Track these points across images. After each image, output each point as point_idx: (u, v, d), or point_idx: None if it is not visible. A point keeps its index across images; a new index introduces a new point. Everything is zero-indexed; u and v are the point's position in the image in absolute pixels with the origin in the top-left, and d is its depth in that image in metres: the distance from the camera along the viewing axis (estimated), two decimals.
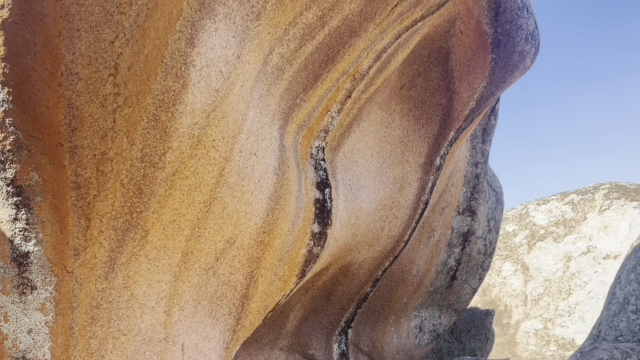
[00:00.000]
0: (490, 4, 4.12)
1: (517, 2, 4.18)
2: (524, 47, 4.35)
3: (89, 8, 2.07)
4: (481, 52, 4.35)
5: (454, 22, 4.23)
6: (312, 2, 3.07)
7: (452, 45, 4.38)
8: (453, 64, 4.44)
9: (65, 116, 2.19)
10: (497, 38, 4.23)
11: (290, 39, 3.16)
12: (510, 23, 4.18)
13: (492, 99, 4.69)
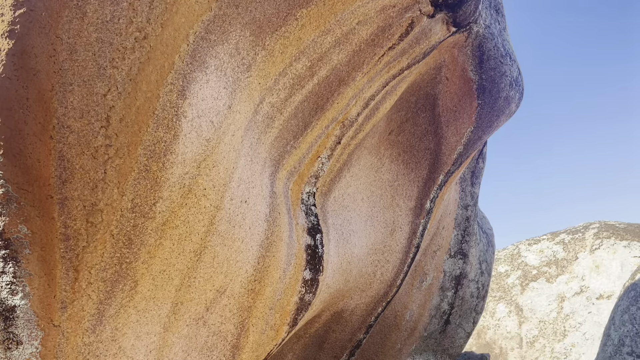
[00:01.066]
0: (474, 52, 4.24)
1: (500, 50, 4.31)
2: (508, 93, 4.45)
3: (82, 63, 2.11)
4: (467, 98, 4.44)
5: (439, 69, 4.34)
6: (301, 53, 3.15)
7: (438, 91, 4.48)
8: (440, 109, 4.53)
9: (56, 168, 2.19)
10: (482, 84, 4.34)
11: (281, 89, 3.22)
12: (494, 70, 4.30)
13: (479, 143, 4.76)
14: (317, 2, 2.92)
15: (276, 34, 2.91)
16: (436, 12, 3.51)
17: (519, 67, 4.54)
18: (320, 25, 3.08)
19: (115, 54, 2.19)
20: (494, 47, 4.28)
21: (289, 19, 2.90)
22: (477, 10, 3.80)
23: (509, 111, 4.63)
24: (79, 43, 2.08)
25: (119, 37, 2.17)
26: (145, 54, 2.27)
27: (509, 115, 4.72)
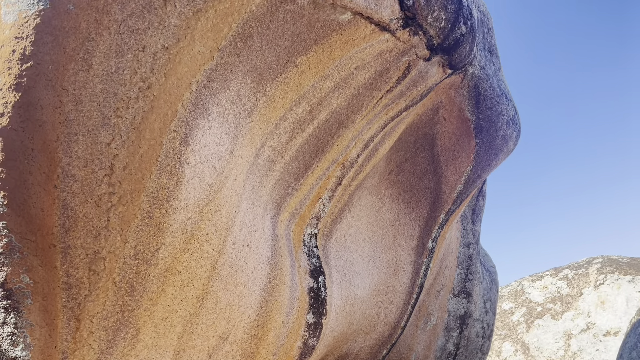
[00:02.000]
0: (470, 92, 4.32)
1: (496, 90, 4.38)
2: (506, 132, 4.51)
3: (87, 113, 2.15)
4: (465, 137, 4.50)
5: (437, 110, 4.41)
6: (302, 98, 3.21)
7: (436, 131, 4.53)
8: (439, 149, 4.58)
9: (60, 217, 2.20)
10: (479, 124, 4.39)
11: (281, 133, 3.26)
12: (491, 109, 4.36)
13: (478, 181, 4.79)
14: (316, 49, 2.99)
15: (277, 80, 2.97)
16: (432, 56, 3.59)
17: (515, 106, 4.61)
18: (320, 71, 3.15)
19: (120, 104, 2.23)
20: (490, 87, 4.35)
21: (289, 66, 2.97)
22: (472, 52, 3.89)
23: (507, 149, 4.68)
24: (85, 94, 2.13)
25: (124, 88, 2.22)
26: (149, 103, 2.32)
27: (507, 153, 4.76)
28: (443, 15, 3.35)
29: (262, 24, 2.63)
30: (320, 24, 2.87)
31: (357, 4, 2.83)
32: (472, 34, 3.73)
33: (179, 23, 2.28)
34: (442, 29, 3.40)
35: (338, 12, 2.85)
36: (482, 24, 4.38)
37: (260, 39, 2.70)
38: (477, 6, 4.24)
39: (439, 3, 3.28)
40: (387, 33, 3.20)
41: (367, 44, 3.20)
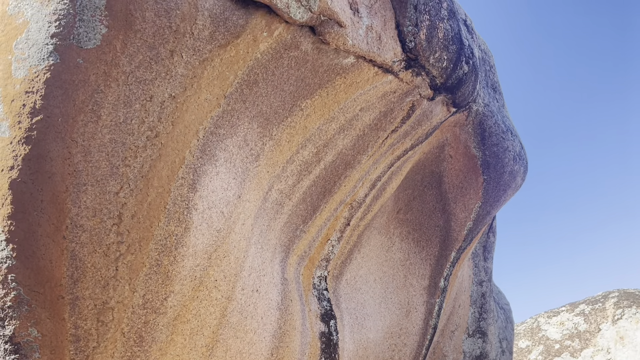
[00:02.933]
0: (475, 129, 4.33)
1: (501, 126, 4.40)
2: (513, 167, 4.50)
3: (96, 163, 2.17)
4: (472, 174, 4.49)
5: (443, 147, 4.42)
6: (308, 140, 3.23)
7: (443, 169, 4.53)
8: (446, 186, 4.56)
9: (68, 268, 2.19)
10: (486, 160, 4.39)
11: (288, 175, 3.27)
12: (497, 146, 4.37)
13: (488, 218, 4.75)
14: (321, 92, 3.03)
15: (283, 124, 3.00)
16: (436, 95, 3.63)
17: (520, 141, 4.62)
18: (325, 113, 3.18)
19: (128, 153, 2.25)
20: (495, 123, 4.37)
21: (294, 110, 3.00)
22: (475, 90, 3.92)
23: (515, 185, 4.65)
24: (93, 145, 2.15)
25: (132, 137, 2.24)
26: (156, 151, 2.34)
27: (516, 189, 4.74)
28: (445, 56, 3.40)
29: (267, 70, 2.68)
30: (324, 68, 2.91)
31: (360, 48, 2.88)
32: (475, 73, 3.77)
33: (186, 72, 2.32)
34: (445, 69, 3.44)
35: (341, 57, 2.89)
36: (483, 62, 4.44)
37: (266, 84, 2.74)
38: (478, 45, 4.30)
39: (441, 44, 3.33)
40: (391, 75, 3.24)
41: (371, 86, 3.24)
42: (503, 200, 4.70)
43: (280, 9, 2.40)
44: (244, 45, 2.46)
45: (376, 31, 2.99)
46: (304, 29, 2.64)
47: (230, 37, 2.38)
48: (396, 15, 3.13)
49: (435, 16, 3.26)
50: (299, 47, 2.70)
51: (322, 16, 2.59)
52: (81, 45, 2.03)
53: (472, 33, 4.17)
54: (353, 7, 2.85)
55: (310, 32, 2.68)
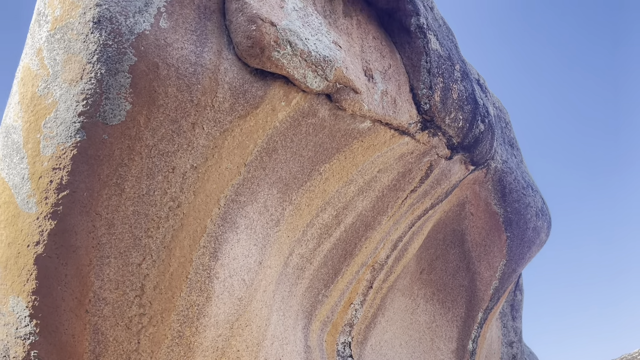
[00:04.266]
0: (495, 185, 4.31)
1: (520, 182, 4.37)
2: (536, 223, 4.43)
3: (119, 236, 2.19)
4: (495, 231, 4.42)
5: (463, 205, 4.39)
6: (327, 204, 3.24)
7: (465, 226, 4.48)
8: (469, 244, 4.49)
9: (90, 342, 2.17)
10: (508, 217, 4.34)
11: (309, 239, 3.26)
12: (518, 202, 4.32)
13: (514, 276, 4.63)
14: (339, 156, 3.07)
15: (302, 188, 3.02)
16: (453, 154, 3.64)
17: (542, 197, 4.57)
18: (343, 176, 3.20)
19: (151, 224, 2.28)
20: (514, 180, 4.35)
21: (313, 174, 3.03)
22: (493, 148, 3.93)
23: (539, 241, 4.57)
24: (117, 217, 2.18)
25: (154, 208, 2.27)
26: (178, 221, 2.36)
27: (540, 245, 4.64)
28: (460, 116, 3.44)
29: (285, 137, 2.73)
30: (342, 133, 2.96)
31: (376, 112, 2.93)
32: (491, 131, 3.80)
33: (207, 143, 2.38)
34: (461, 128, 3.47)
35: (358, 121, 2.94)
36: (499, 119, 4.47)
37: (285, 151, 2.78)
38: (492, 103, 4.35)
39: (455, 105, 3.38)
40: (407, 136, 3.28)
41: (388, 148, 3.27)
42: (528, 257, 4.60)
43: (297, 79, 2.47)
44: (263, 115, 2.53)
45: (391, 95, 3.06)
46: (320, 97, 2.70)
47: (250, 107, 2.45)
48: (410, 79, 3.20)
49: (448, 78, 3.32)
50: (316, 114, 2.76)
51: (337, 84, 2.66)
52: (107, 122, 2.11)
53: (485, 92, 4.23)
54: (367, 74, 2.93)
55: (326, 100, 2.75)
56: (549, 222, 4.60)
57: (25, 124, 2.16)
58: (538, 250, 4.67)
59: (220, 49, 2.32)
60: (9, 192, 2.15)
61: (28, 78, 2.21)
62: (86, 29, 2.10)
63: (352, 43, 2.93)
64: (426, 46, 3.18)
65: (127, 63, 2.10)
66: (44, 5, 2.24)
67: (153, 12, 2.18)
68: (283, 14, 2.46)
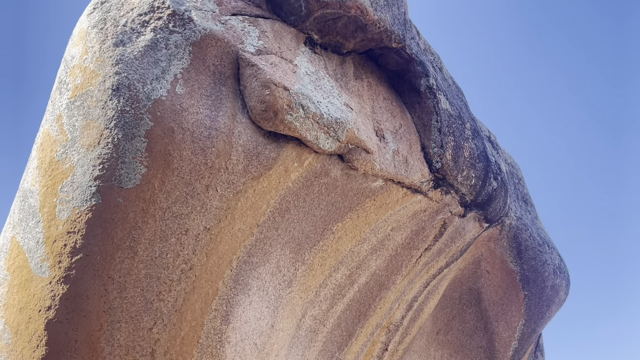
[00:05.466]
0: (510, 243, 4.25)
1: (536, 239, 4.30)
2: (554, 281, 4.33)
3: (130, 299, 2.17)
4: (512, 289, 4.32)
5: (479, 263, 4.31)
6: (340, 263, 3.20)
7: (481, 285, 4.38)
8: (486, 303, 4.38)
9: None
10: (525, 275, 4.25)
11: (322, 300, 3.20)
12: (534, 259, 4.24)
13: (534, 336, 4.48)
14: (352, 215, 3.06)
15: (315, 248, 3.00)
16: (467, 212, 3.61)
17: (559, 254, 4.48)
18: (356, 235, 3.18)
19: (162, 287, 2.26)
20: (530, 236, 4.28)
21: (326, 234, 3.01)
22: (507, 204, 3.90)
23: (558, 300, 4.44)
24: (129, 281, 2.17)
25: (166, 271, 2.26)
26: (190, 284, 2.34)
27: (559, 304, 4.51)
28: (472, 174, 3.44)
29: (298, 197, 2.74)
30: (354, 192, 2.96)
31: (388, 171, 2.94)
32: (504, 188, 3.78)
33: (220, 205, 2.39)
34: (474, 186, 3.47)
35: (370, 180, 2.95)
36: (511, 175, 4.46)
37: (297, 211, 2.78)
38: (504, 159, 4.36)
39: (467, 163, 3.38)
40: (420, 194, 3.27)
41: (400, 206, 3.26)
42: (548, 316, 4.46)
43: (310, 140, 2.50)
44: (276, 175, 2.55)
45: (402, 154, 3.08)
46: (332, 157, 2.73)
47: (263, 169, 2.47)
48: (421, 138, 3.23)
49: (459, 137, 3.35)
50: (328, 174, 2.78)
51: (349, 145, 2.69)
52: (122, 186, 2.13)
53: (497, 148, 4.24)
54: (379, 134, 2.96)
55: (338, 160, 2.77)
56: (567, 280, 4.49)
57: (42, 188, 2.20)
58: (558, 309, 4.54)
59: (235, 113, 2.37)
60: (24, 256, 2.16)
61: (47, 143, 2.27)
62: (105, 96, 2.16)
63: (363, 104, 2.98)
64: (436, 106, 3.22)
65: (143, 128, 2.15)
66: (66, 74, 2.33)
67: (170, 79, 2.25)
68: (295, 78, 2.52)
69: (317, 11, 2.65)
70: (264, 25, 2.59)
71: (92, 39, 2.29)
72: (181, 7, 2.34)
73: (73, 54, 2.34)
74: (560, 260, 4.46)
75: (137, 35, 2.26)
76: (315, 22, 2.73)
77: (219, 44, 2.37)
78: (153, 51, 2.25)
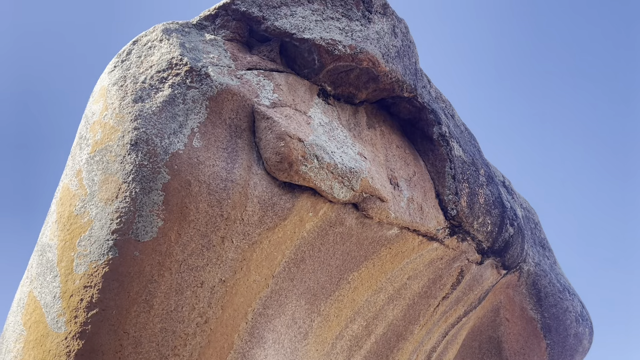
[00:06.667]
0: (529, 290, 4.16)
1: (556, 286, 4.21)
2: (577, 329, 4.20)
3: (145, 355, 2.14)
4: (533, 338, 4.20)
5: (497, 311, 4.22)
6: (356, 313, 3.15)
7: (501, 333, 4.27)
8: (507, 353, 4.26)
9: None
10: (546, 323, 4.13)
11: (338, 352, 3.14)
12: (555, 307, 4.14)
13: None
14: (367, 264, 3.03)
15: (330, 298, 2.96)
16: (484, 259, 3.57)
17: (580, 300, 4.37)
18: (372, 285, 3.14)
19: (178, 342, 2.23)
20: (549, 283, 4.20)
21: (341, 284, 2.98)
22: (524, 250, 3.85)
23: (582, 349, 4.30)
24: (144, 335, 2.15)
25: (182, 325, 2.24)
26: (205, 337, 2.31)
27: (584, 354, 4.37)
28: (488, 220, 3.41)
29: (313, 247, 2.73)
30: (369, 241, 2.95)
31: (403, 219, 2.93)
32: (521, 234, 3.74)
33: (236, 256, 2.39)
34: (490, 233, 3.43)
35: (385, 229, 2.94)
36: (527, 220, 4.42)
37: (313, 261, 2.77)
38: (519, 204, 4.32)
39: (483, 209, 3.36)
40: (436, 242, 3.24)
41: (417, 254, 3.23)
42: None
43: (325, 190, 2.52)
44: (291, 226, 2.55)
45: (417, 202, 3.07)
46: (347, 206, 2.73)
47: (278, 219, 2.48)
48: (435, 186, 3.23)
49: (474, 183, 3.34)
50: (343, 223, 2.77)
51: (364, 194, 2.70)
52: (139, 239, 2.15)
53: (512, 193, 4.22)
54: (393, 182, 2.97)
55: (353, 209, 2.77)
56: (590, 327, 4.36)
57: (60, 242, 2.22)
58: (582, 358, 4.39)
59: (250, 165, 2.40)
60: (40, 311, 2.16)
61: (66, 198, 2.30)
62: (124, 151, 2.21)
63: (376, 153, 3.00)
64: (449, 153, 3.24)
65: (160, 181, 2.18)
66: (86, 130, 2.39)
67: (187, 133, 2.29)
68: (310, 129, 2.56)
69: (330, 64, 2.71)
70: (278, 79, 2.65)
71: (112, 96, 2.36)
72: (198, 64, 2.41)
73: (94, 111, 2.41)
74: (582, 307, 4.35)
75: (156, 91, 2.33)
76: (328, 75, 2.78)
77: (235, 98, 2.42)
78: (171, 106, 2.31)
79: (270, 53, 2.73)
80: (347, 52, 2.69)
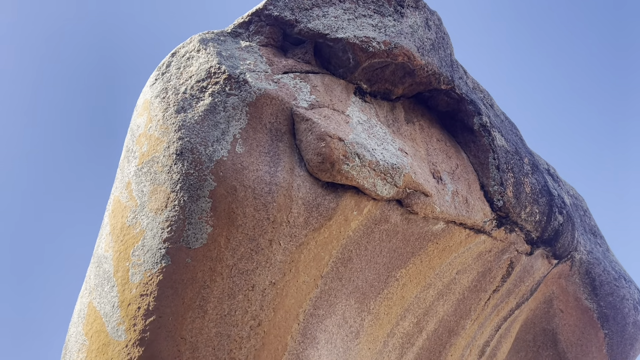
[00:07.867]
0: (583, 279, 4.04)
1: (611, 273, 4.08)
2: (636, 317, 4.06)
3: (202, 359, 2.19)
4: (590, 328, 4.08)
5: (551, 302, 4.11)
6: (406, 311, 3.13)
7: (555, 325, 4.16)
8: (563, 345, 4.14)
9: None
10: (603, 312, 4.01)
11: (391, 350, 3.12)
12: (611, 295, 4.01)
13: None
14: (415, 260, 3.01)
15: (379, 296, 2.95)
16: (534, 249, 3.48)
17: (637, 287, 4.22)
18: (421, 281, 3.11)
19: (233, 345, 2.26)
20: (604, 271, 4.07)
21: (389, 281, 2.96)
22: (575, 239, 3.74)
23: None
24: (200, 340, 2.19)
25: (236, 328, 2.27)
26: (260, 340, 2.34)
27: None
28: (536, 209, 3.33)
29: (359, 246, 2.72)
30: (415, 236, 2.92)
31: (449, 213, 2.89)
32: (571, 222, 3.64)
33: (284, 258, 2.41)
34: (538, 222, 3.35)
35: (431, 224, 2.91)
36: (576, 207, 4.29)
37: (360, 260, 2.76)
38: (566, 192, 4.21)
39: (529, 198, 3.29)
40: (483, 235, 3.19)
41: (464, 248, 3.18)
42: (632, 356, 4.16)
43: (368, 188, 2.51)
44: (336, 225, 2.55)
45: (462, 195, 3.03)
46: (391, 203, 2.72)
47: (323, 220, 2.49)
48: (479, 177, 3.18)
49: (519, 172, 3.27)
50: (388, 220, 2.76)
51: (407, 189, 2.68)
52: (189, 246, 2.19)
53: (557, 181, 4.11)
54: (436, 176, 2.94)
55: (397, 205, 2.75)
56: None
57: (115, 253, 2.29)
58: None
59: (292, 167, 2.42)
60: (100, 320, 2.23)
61: (118, 210, 2.37)
62: (170, 161, 2.26)
63: (417, 147, 2.98)
64: (492, 143, 3.18)
65: (207, 189, 2.23)
66: (133, 143, 2.46)
67: (229, 140, 2.33)
68: (349, 128, 2.56)
69: (365, 62, 2.71)
70: (314, 80, 2.66)
71: (155, 108, 2.42)
72: (236, 71, 2.45)
73: (138, 124, 2.47)
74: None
75: (197, 101, 2.38)
76: (363, 72, 2.78)
77: (274, 102, 2.45)
78: (212, 114, 2.35)
79: (304, 55, 2.74)
80: (381, 49, 2.68)
